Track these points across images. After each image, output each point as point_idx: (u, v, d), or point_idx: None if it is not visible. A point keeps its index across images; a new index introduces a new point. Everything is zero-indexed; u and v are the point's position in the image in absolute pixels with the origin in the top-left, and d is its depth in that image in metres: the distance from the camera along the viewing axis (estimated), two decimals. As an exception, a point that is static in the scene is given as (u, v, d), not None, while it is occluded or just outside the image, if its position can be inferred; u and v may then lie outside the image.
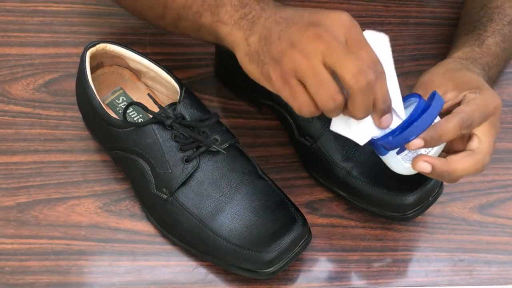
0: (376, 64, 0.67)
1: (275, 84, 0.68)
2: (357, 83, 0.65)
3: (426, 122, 0.70)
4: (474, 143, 0.73)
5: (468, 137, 0.74)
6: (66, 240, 0.81)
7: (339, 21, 0.66)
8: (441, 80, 0.76)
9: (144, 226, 0.83)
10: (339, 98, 0.67)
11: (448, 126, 0.71)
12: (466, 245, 0.84)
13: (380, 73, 0.67)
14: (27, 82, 0.90)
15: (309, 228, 0.79)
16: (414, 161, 0.72)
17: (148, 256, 0.81)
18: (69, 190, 0.84)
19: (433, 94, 0.72)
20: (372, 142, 0.73)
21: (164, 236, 0.82)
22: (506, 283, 0.83)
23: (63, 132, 0.87)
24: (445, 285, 0.82)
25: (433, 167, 0.72)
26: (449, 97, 0.75)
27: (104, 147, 0.84)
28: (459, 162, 0.73)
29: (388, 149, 0.73)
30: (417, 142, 0.70)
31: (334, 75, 0.67)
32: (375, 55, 0.67)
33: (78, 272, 0.80)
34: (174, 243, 0.81)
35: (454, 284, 0.82)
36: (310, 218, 0.82)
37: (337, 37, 0.65)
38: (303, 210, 0.81)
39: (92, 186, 0.84)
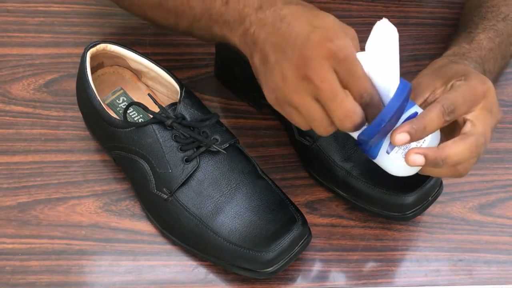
0: (366, 92, 0.68)
1: (272, 103, 0.71)
2: (343, 127, 0.68)
3: (393, 104, 0.69)
4: (466, 127, 0.73)
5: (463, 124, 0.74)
6: (66, 240, 0.82)
7: (328, 55, 0.66)
8: (429, 79, 0.76)
9: (145, 226, 0.83)
10: (332, 129, 0.69)
11: (430, 115, 0.70)
12: (466, 244, 0.85)
13: (372, 98, 0.68)
14: (27, 82, 0.90)
15: (309, 228, 0.79)
16: (406, 156, 0.71)
17: (149, 255, 0.81)
18: (70, 190, 0.84)
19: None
20: (360, 144, 0.72)
21: (164, 235, 0.82)
22: (505, 283, 0.83)
23: (64, 132, 0.88)
24: (444, 285, 0.82)
25: (425, 157, 0.71)
26: (439, 93, 0.75)
27: (104, 147, 0.84)
28: (451, 147, 0.71)
29: (365, 141, 0.71)
30: (402, 136, 0.69)
31: None
32: (367, 82, 0.68)
33: (79, 271, 0.80)
34: (174, 243, 0.82)
35: (453, 283, 0.83)
36: (310, 218, 0.83)
37: (325, 77, 0.66)
38: (303, 210, 0.81)
39: (93, 186, 0.85)
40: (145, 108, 0.79)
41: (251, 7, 0.71)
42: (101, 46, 0.84)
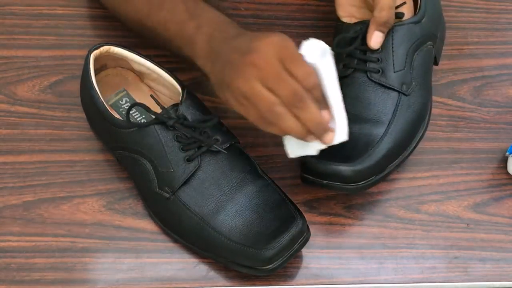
0: (309, 77, 0.74)
1: (236, 106, 0.76)
2: (295, 100, 0.73)
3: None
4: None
5: None
6: (70, 238, 0.83)
7: (272, 43, 0.73)
8: None
9: (147, 224, 0.84)
10: (278, 108, 0.73)
11: None
12: (461, 242, 0.85)
13: (313, 86, 0.74)
14: (32, 84, 0.91)
15: (308, 226, 0.80)
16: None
17: (151, 253, 0.82)
18: (74, 189, 0.85)
19: None
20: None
21: (166, 233, 0.83)
22: (500, 280, 0.84)
23: (68, 133, 0.88)
24: (440, 282, 0.83)
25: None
26: None
27: (107, 147, 0.85)
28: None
29: None
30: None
31: None
32: (308, 67, 0.74)
33: (83, 269, 0.81)
34: (176, 241, 0.83)
35: (449, 280, 0.83)
36: (308, 216, 0.83)
37: (270, 61, 0.73)
38: (302, 209, 0.82)
39: (96, 185, 0.86)
40: (147, 109, 0.80)
41: (218, 30, 0.79)
42: (105, 48, 0.85)
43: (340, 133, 0.77)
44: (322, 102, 0.76)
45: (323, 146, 0.77)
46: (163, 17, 0.82)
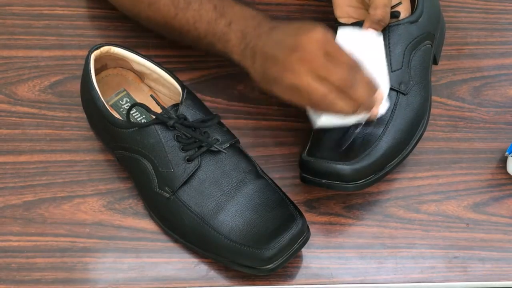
0: (353, 62, 0.77)
1: (283, 96, 0.78)
2: (345, 85, 0.75)
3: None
4: None
5: None
6: (71, 238, 0.83)
7: (315, 39, 0.75)
8: None
9: (147, 224, 0.84)
10: (330, 96, 0.75)
11: None
12: (461, 242, 0.86)
13: (358, 69, 0.77)
14: (33, 84, 0.91)
15: (308, 226, 0.80)
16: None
17: (151, 253, 0.83)
18: (74, 188, 0.86)
19: None
20: None
21: (166, 233, 0.83)
22: (499, 280, 0.84)
23: (68, 133, 0.89)
24: (440, 281, 0.83)
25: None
26: None
27: (108, 147, 0.86)
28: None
29: None
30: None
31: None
32: (350, 56, 0.77)
33: (83, 268, 0.82)
34: (176, 241, 0.83)
35: (448, 280, 0.84)
36: (308, 216, 0.84)
37: (316, 55, 0.75)
38: (302, 208, 0.83)
39: (97, 185, 0.86)
40: (147, 109, 0.80)
41: (251, 26, 0.80)
42: (105, 48, 0.85)
43: (383, 106, 0.82)
44: (369, 79, 0.78)
45: (364, 119, 0.81)
46: (191, 17, 0.83)
